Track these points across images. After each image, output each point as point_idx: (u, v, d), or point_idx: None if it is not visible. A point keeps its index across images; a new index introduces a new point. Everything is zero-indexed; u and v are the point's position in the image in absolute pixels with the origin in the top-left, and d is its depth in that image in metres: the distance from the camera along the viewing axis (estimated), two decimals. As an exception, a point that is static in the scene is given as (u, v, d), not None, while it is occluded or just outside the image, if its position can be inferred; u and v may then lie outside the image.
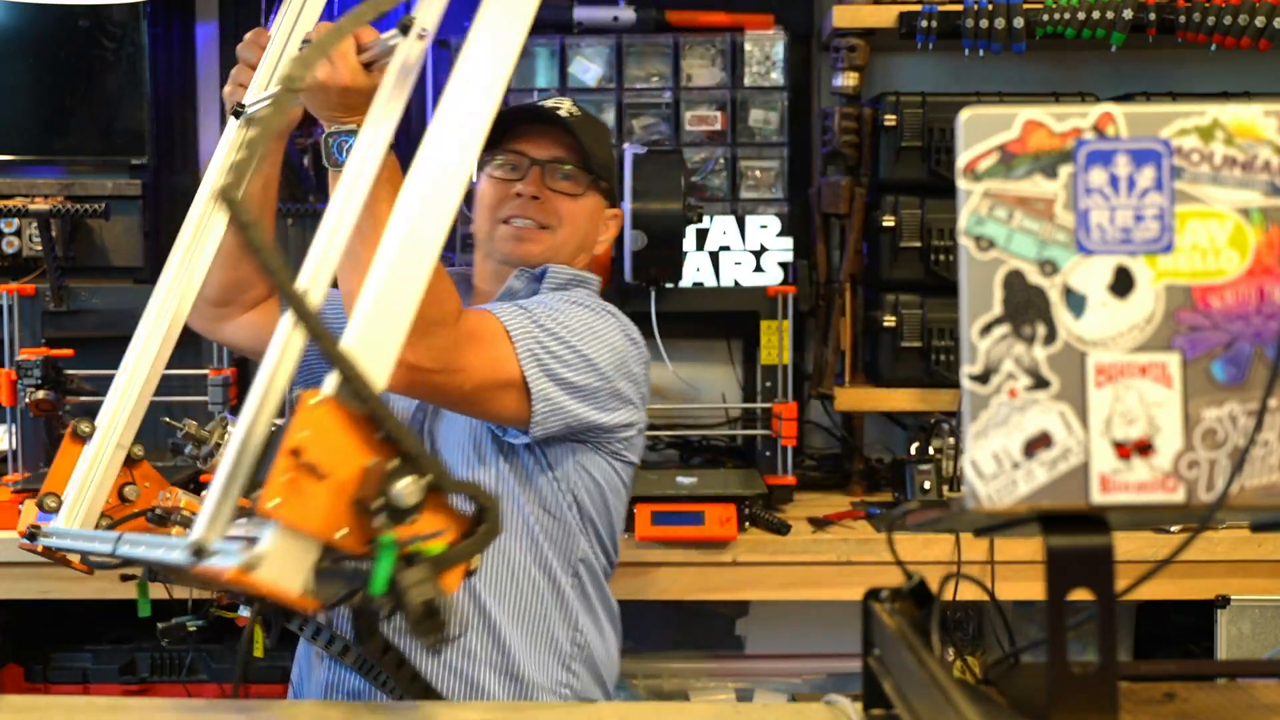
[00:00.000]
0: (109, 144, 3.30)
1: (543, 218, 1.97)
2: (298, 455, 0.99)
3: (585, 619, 1.95)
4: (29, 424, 2.65)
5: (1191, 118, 0.99)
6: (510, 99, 3.14)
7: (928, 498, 2.76)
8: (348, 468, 1.01)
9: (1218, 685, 1.19)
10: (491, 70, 1.23)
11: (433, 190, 1.16)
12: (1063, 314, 0.98)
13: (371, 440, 1.03)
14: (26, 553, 1.61)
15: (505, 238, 1.98)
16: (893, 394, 2.96)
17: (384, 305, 1.11)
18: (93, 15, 3.21)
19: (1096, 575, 0.97)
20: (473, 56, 1.23)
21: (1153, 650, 3.04)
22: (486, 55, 1.23)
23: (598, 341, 1.85)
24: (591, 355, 1.83)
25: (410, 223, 1.14)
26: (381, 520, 1.00)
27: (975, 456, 0.97)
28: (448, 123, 1.19)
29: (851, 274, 3.02)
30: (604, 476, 1.95)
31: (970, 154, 0.99)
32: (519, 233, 1.97)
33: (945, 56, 3.09)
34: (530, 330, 1.78)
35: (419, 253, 1.14)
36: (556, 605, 1.92)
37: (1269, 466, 0.98)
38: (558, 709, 1.54)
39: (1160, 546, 2.40)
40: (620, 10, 3.17)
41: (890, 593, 1.19)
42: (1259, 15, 2.84)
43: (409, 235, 1.14)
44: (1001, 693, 1.10)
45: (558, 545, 1.92)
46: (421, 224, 1.15)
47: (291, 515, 0.99)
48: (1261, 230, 0.99)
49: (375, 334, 1.10)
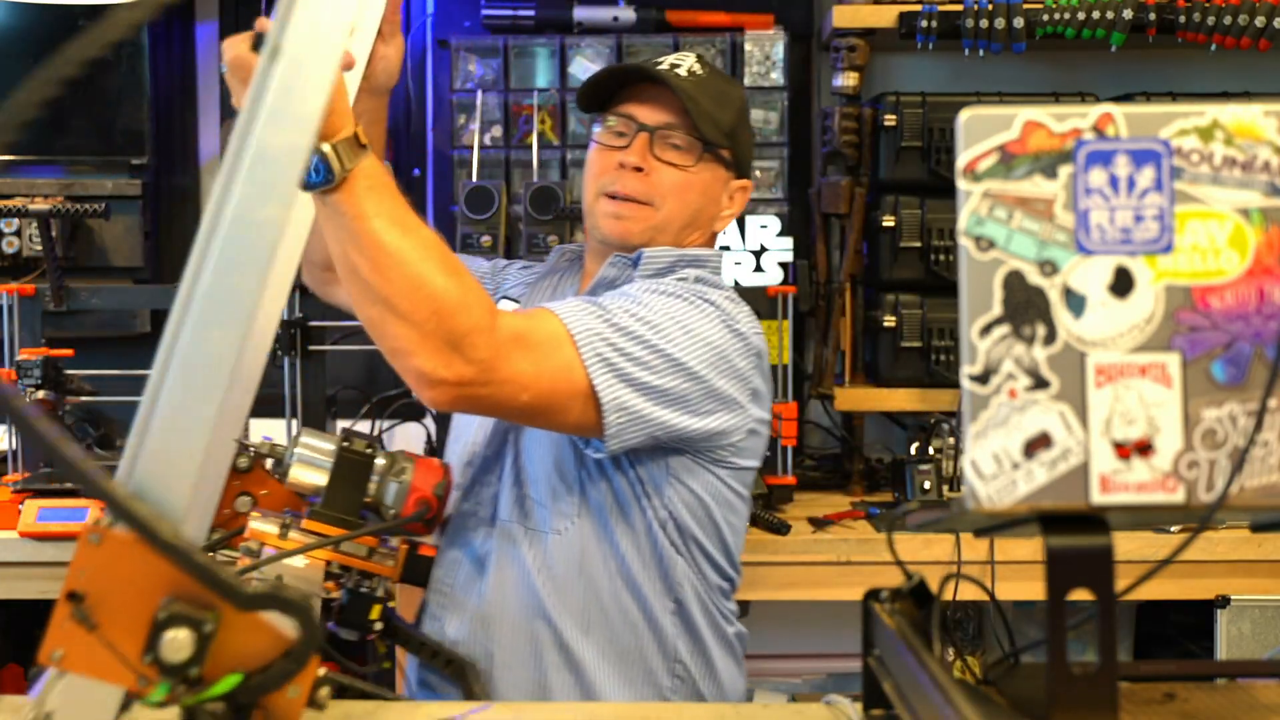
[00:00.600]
0: (109, 144, 3.30)
1: (645, 193, 1.78)
2: (75, 600, 0.94)
3: (688, 648, 1.78)
4: (29, 424, 2.65)
5: (1191, 118, 0.99)
6: (511, 99, 3.14)
7: (928, 498, 2.76)
8: (124, 617, 0.95)
9: (1218, 685, 1.19)
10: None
11: (239, 258, 1.01)
12: (1062, 314, 0.98)
13: (164, 575, 0.95)
14: (27, 553, 1.61)
15: (604, 214, 1.80)
16: (893, 394, 2.96)
17: (175, 421, 1.00)
18: (93, 15, 3.21)
19: (1096, 575, 0.97)
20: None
21: (1153, 650, 3.04)
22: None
23: (688, 336, 1.65)
24: (678, 353, 1.64)
25: (206, 317, 1.00)
26: (156, 673, 0.95)
27: (975, 457, 0.97)
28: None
29: (851, 274, 3.02)
30: (708, 489, 1.76)
31: (970, 154, 0.99)
32: (618, 209, 1.78)
33: (945, 56, 3.09)
34: (598, 330, 1.60)
35: (222, 335, 1.00)
36: (652, 637, 1.75)
37: (1269, 466, 0.98)
38: (557, 709, 1.54)
39: (1160, 546, 2.40)
40: (620, 10, 3.17)
41: (890, 593, 1.19)
42: (1259, 15, 2.84)
43: (202, 335, 1.00)
44: (1001, 693, 1.10)
45: (651, 573, 1.75)
46: (221, 314, 1.00)
47: (80, 665, 0.94)
48: (1261, 230, 0.99)
49: (168, 455, 0.99)
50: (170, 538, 0.94)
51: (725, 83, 1.86)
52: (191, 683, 0.96)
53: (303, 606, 0.97)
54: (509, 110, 3.15)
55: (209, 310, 1.00)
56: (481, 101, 3.09)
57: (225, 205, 1.01)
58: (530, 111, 3.11)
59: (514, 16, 3.18)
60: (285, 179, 1.02)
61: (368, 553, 1.59)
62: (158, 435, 0.99)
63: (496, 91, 3.14)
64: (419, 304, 1.46)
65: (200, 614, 0.96)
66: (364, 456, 1.59)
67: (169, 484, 0.99)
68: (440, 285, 1.46)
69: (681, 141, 1.79)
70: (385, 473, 1.61)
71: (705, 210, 1.84)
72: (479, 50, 3.16)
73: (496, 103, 3.14)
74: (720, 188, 1.85)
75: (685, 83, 1.79)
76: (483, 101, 3.09)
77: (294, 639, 0.98)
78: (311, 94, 1.03)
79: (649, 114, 1.80)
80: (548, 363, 1.56)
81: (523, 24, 3.18)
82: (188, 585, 0.95)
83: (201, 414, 1.00)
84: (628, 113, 1.81)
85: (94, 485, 0.93)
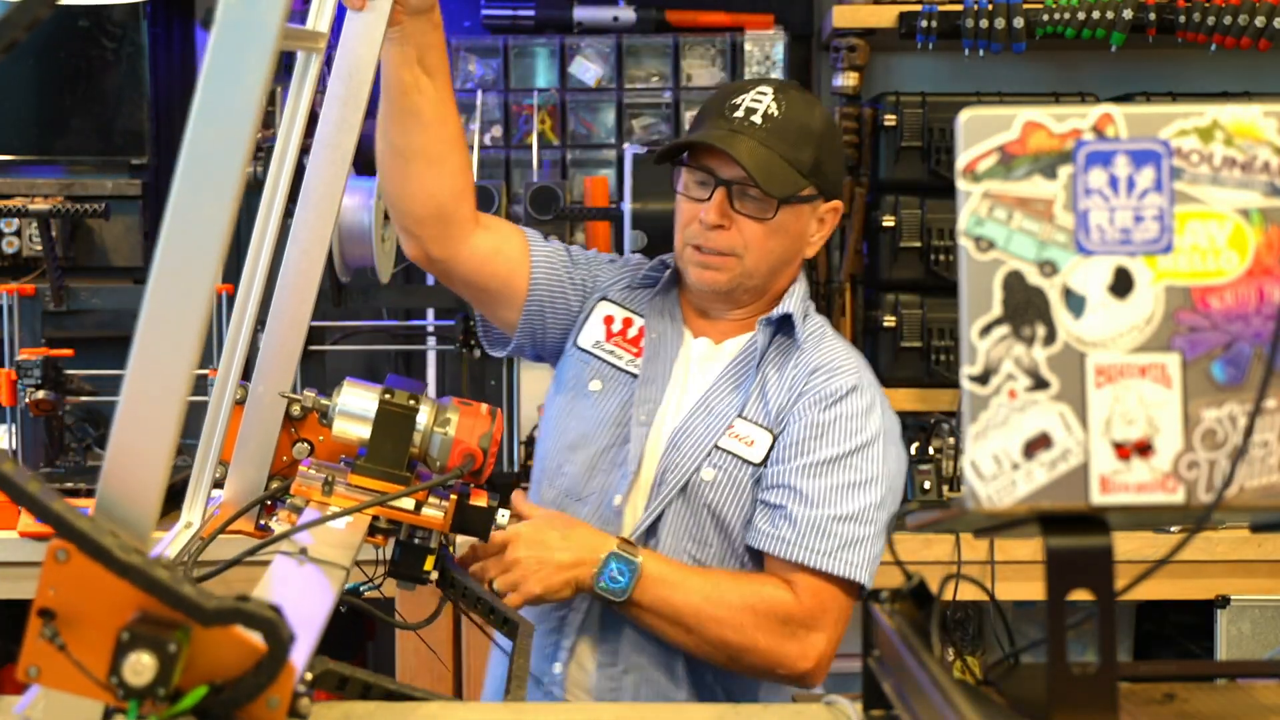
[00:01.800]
0: (109, 144, 3.31)
1: (728, 245, 1.82)
2: (45, 618, 0.94)
3: None
4: (29, 424, 2.65)
5: (1191, 118, 0.99)
6: (511, 99, 3.14)
7: (928, 498, 2.76)
8: (91, 635, 0.95)
9: (1218, 686, 1.19)
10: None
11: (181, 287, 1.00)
12: (1062, 315, 0.98)
13: (129, 592, 0.94)
14: (26, 553, 1.61)
15: (691, 264, 1.85)
16: (893, 394, 2.92)
17: (135, 431, 0.99)
18: (93, 15, 3.21)
19: (1096, 575, 0.97)
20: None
21: (1153, 650, 3.03)
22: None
23: (873, 481, 1.79)
24: (877, 497, 1.79)
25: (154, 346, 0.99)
26: (121, 695, 0.94)
27: (975, 457, 0.97)
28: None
29: (851, 274, 3.02)
30: None
31: (970, 154, 0.99)
32: (705, 260, 1.83)
33: (945, 56, 3.08)
34: (848, 554, 1.75)
35: (171, 365, 0.99)
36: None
37: (1269, 467, 0.98)
38: (557, 709, 1.54)
39: (1160, 547, 2.40)
40: (620, 10, 3.17)
41: (890, 593, 1.19)
42: (1259, 15, 2.84)
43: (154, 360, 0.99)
44: (1001, 693, 1.10)
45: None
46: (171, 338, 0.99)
47: (55, 682, 0.94)
48: (1261, 231, 0.99)
49: (131, 466, 0.98)
50: (125, 558, 0.93)
51: (805, 111, 1.85)
52: (162, 700, 0.95)
53: (267, 620, 0.96)
54: (509, 110, 3.15)
55: (159, 314, 1.00)
56: (481, 101, 3.09)
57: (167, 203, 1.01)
58: (530, 111, 3.12)
59: (514, 16, 3.18)
60: (222, 170, 1.00)
61: (416, 506, 1.55)
62: (120, 446, 0.99)
63: (496, 91, 3.15)
64: (748, 630, 1.74)
65: (163, 634, 0.95)
66: (406, 409, 1.54)
67: (133, 495, 0.98)
68: (736, 601, 1.74)
69: (759, 195, 1.80)
70: (430, 424, 1.55)
71: (791, 248, 1.87)
72: (479, 50, 3.17)
73: (496, 103, 3.14)
74: (805, 223, 1.87)
75: (760, 133, 1.80)
76: (483, 101, 3.09)
77: (264, 651, 0.97)
78: (248, 81, 1.00)
79: (726, 166, 1.80)
80: (840, 621, 1.80)
81: (523, 24, 3.19)
82: (155, 601, 0.95)
83: (160, 424, 0.99)
84: (707, 165, 1.82)
85: (40, 507, 0.93)
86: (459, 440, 1.55)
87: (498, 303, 1.92)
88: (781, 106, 1.82)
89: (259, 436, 1.55)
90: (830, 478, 1.77)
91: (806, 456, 1.78)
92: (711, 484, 1.79)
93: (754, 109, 1.81)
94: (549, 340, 1.95)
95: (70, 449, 2.74)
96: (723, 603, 1.73)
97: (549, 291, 1.91)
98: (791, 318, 1.86)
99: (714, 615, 1.73)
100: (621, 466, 1.83)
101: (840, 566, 1.75)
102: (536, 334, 1.93)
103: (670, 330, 1.90)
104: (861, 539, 1.76)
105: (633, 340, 1.90)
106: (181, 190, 1.00)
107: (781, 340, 1.88)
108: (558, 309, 1.92)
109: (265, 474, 1.56)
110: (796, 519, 1.75)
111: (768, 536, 1.77)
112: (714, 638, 1.73)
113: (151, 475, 0.99)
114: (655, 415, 1.84)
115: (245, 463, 1.55)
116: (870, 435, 1.81)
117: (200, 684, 0.96)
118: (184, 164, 1.00)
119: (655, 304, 1.92)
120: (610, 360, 1.89)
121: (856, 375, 1.84)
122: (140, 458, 0.99)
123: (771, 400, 1.82)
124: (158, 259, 1.00)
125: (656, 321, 1.90)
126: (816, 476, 1.77)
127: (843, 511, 1.76)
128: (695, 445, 1.80)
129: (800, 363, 1.84)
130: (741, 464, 1.80)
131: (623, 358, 1.89)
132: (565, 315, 1.93)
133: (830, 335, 1.90)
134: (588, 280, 1.95)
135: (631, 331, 1.91)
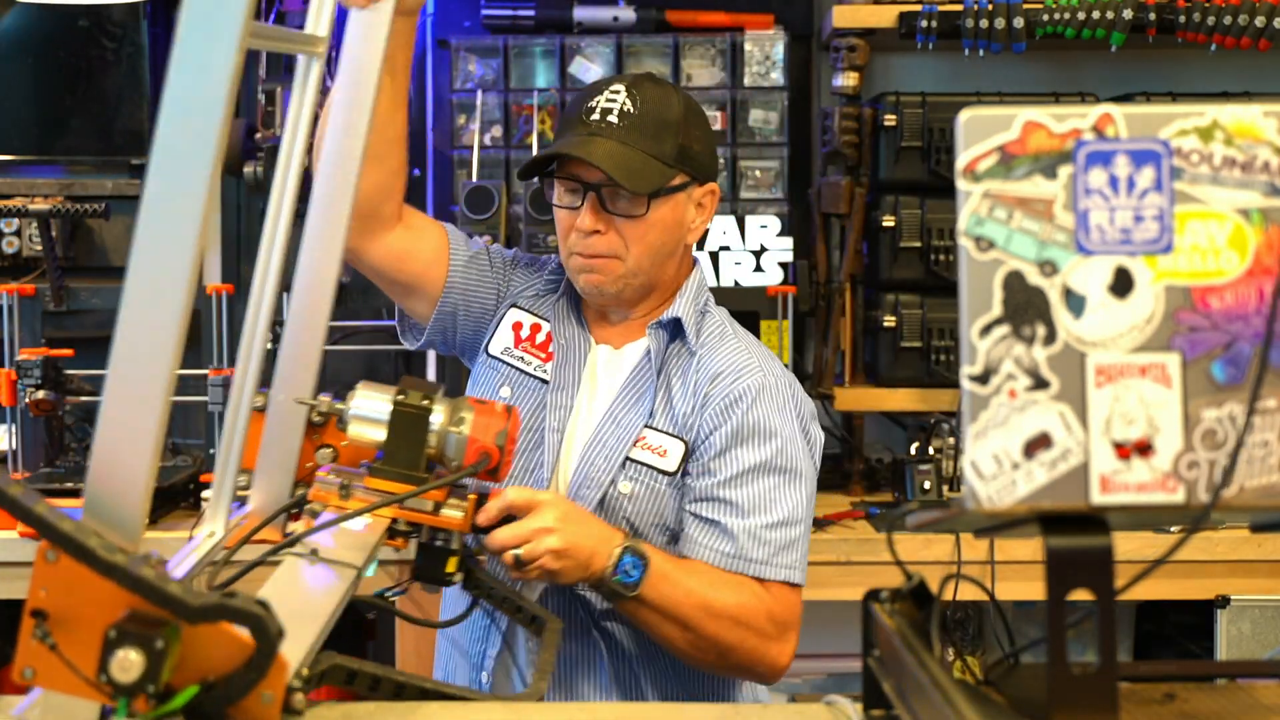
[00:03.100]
0: (109, 144, 3.31)
1: (608, 248, 1.83)
2: (37, 618, 0.94)
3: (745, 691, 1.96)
4: (29, 424, 2.65)
5: (1191, 118, 0.99)
6: (511, 99, 3.14)
7: (928, 498, 2.76)
8: (82, 635, 0.95)
9: (1218, 686, 1.19)
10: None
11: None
12: (1062, 314, 0.98)
13: (118, 591, 0.94)
14: (27, 552, 1.60)
15: (577, 271, 1.87)
16: (893, 394, 2.96)
17: (118, 429, 1.00)
18: (93, 15, 3.21)
19: (1096, 576, 0.97)
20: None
21: (1153, 650, 3.03)
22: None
23: (798, 476, 1.83)
24: (804, 494, 1.83)
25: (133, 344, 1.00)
26: (111, 693, 0.94)
27: (975, 457, 0.97)
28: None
29: (851, 274, 3.02)
30: None
31: (970, 154, 0.99)
32: (588, 264, 1.85)
33: (945, 56, 3.08)
34: (783, 557, 1.79)
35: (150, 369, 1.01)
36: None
37: (1269, 467, 0.98)
38: (556, 709, 1.54)
39: (1161, 547, 2.38)
40: (620, 10, 3.17)
41: (890, 593, 1.19)
42: (1259, 15, 2.84)
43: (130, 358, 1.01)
44: (1001, 693, 1.10)
45: None
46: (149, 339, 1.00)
47: (50, 683, 0.94)
48: (1261, 231, 0.99)
49: (116, 465, 0.99)
50: (108, 558, 0.93)
51: (660, 102, 1.85)
52: (154, 697, 0.95)
53: (253, 615, 0.95)
54: (509, 110, 3.15)
55: (136, 313, 1.00)
56: (481, 101, 3.09)
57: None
58: (530, 111, 3.11)
59: (514, 16, 3.18)
60: (192, 166, 0.99)
61: (434, 507, 1.53)
62: (105, 445, 0.99)
63: (496, 91, 3.14)
64: (738, 629, 1.76)
65: (150, 631, 0.95)
66: (420, 410, 1.52)
67: (120, 496, 0.98)
68: (731, 600, 1.76)
69: (627, 193, 1.81)
70: (445, 424, 1.54)
71: (671, 239, 1.87)
72: (479, 50, 3.16)
73: (496, 103, 3.14)
74: (682, 212, 1.87)
75: (618, 132, 1.81)
76: (483, 101, 3.09)
77: (253, 646, 0.96)
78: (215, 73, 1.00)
79: (591, 171, 1.81)
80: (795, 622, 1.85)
81: (523, 24, 3.18)
82: (142, 600, 0.95)
83: (142, 424, 0.99)
84: (573, 172, 1.83)
85: (23, 510, 0.93)
86: (473, 439, 1.53)
87: (410, 296, 1.94)
88: (636, 102, 1.83)
89: (281, 444, 1.54)
90: (757, 484, 1.80)
91: (731, 468, 1.80)
92: (630, 497, 1.81)
93: (609, 109, 1.83)
94: (460, 338, 1.97)
95: (70, 449, 2.74)
96: (718, 602, 1.74)
97: (463, 293, 1.93)
98: (681, 321, 1.87)
99: (712, 614, 1.73)
100: (536, 471, 1.85)
101: (779, 572, 1.78)
102: (448, 332, 1.96)
103: (578, 336, 1.91)
104: (794, 540, 1.80)
105: (541, 346, 1.92)
106: (153, 189, 1.00)
107: (678, 345, 1.88)
108: (471, 309, 1.94)
109: (290, 481, 1.55)
110: (732, 531, 1.78)
111: (708, 549, 1.78)
112: (710, 635, 1.74)
113: (136, 475, 0.99)
114: (567, 423, 1.85)
115: (269, 470, 1.54)
116: (787, 432, 1.82)
117: (193, 682, 0.96)
118: (155, 161, 1.00)
119: (560, 309, 1.93)
120: (519, 366, 1.91)
121: (760, 374, 1.84)
122: (124, 458, 0.99)
123: (678, 407, 1.83)
124: (132, 260, 1.00)
125: (563, 327, 1.92)
126: (743, 485, 1.79)
127: (775, 518, 1.79)
128: (607, 458, 1.81)
129: (701, 368, 1.85)
130: (656, 474, 1.81)
131: (531, 363, 1.91)
132: (479, 315, 1.94)
133: (730, 334, 1.90)
134: (502, 284, 1.97)
135: (540, 337, 1.93)
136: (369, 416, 1.53)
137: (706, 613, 1.73)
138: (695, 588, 1.74)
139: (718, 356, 1.86)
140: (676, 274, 1.91)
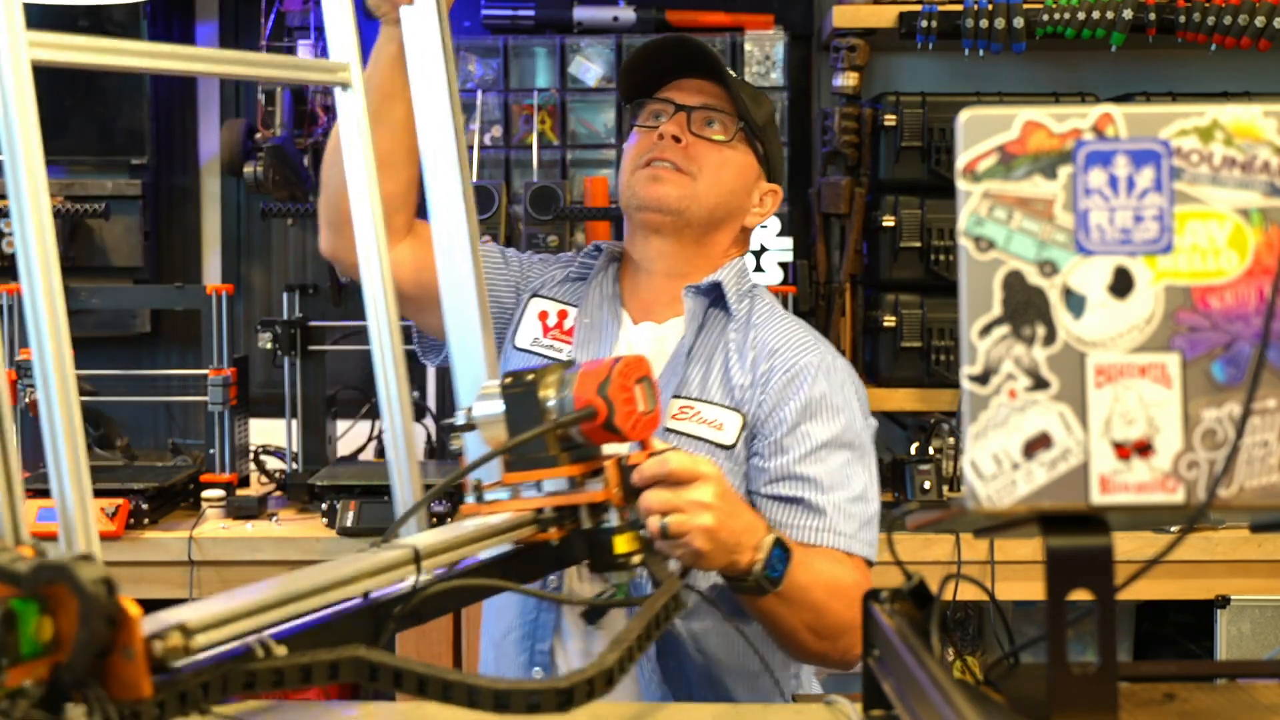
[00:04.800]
0: (109, 144, 3.31)
1: (683, 161, 1.80)
2: None
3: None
4: (29, 424, 2.65)
5: (1191, 118, 0.99)
6: (511, 99, 3.14)
7: (928, 498, 2.76)
8: None
9: (1218, 686, 1.19)
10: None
11: None
12: (1062, 314, 0.98)
13: None
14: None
15: (642, 180, 1.82)
16: (893, 394, 2.96)
17: None
18: (93, 15, 3.21)
19: (1096, 576, 0.97)
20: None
21: (1153, 650, 3.04)
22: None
23: (864, 453, 1.78)
24: (871, 472, 1.78)
25: None
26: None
27: (975, 457, 0.97)
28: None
29: (851, 274, 3.02)
30: None
31: (969, 154, 0.99)
32: (656, 173, 1.80)
33: (945, 56, 3.09)
34: (865, 533, 1.73)
35: None
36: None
37: (1269, 466, 0.98)
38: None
39: (1160, 547, 2.40)
40: (620, 10, 3.17)
41: (890, 593, 1.19)
42: (1259, 15, 2.84)
43: None
44: (1001, 693, 1.10)
45: None
46: None
47: None
48: (1261, 231, 0.99)
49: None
50: None
51: (758, 90, 1.92)
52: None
53: (61, 568, 0.92)
54: (509, 110, 3.15)
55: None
56: (481, 101, 3.09)
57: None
58: (530, 111, 3.12)
59: (514, 16, 3.18)
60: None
61: (570, 485, 1.43)
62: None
63: (496, 91, 3.15)
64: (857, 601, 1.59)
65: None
66: (525, 386, 1.45)
67: None
68: (847, 578, 1.68)
69: (719, 120, 1.83)
70: (555, 395, 1.45)
71: (737, 196, 1.86)
72: (479, 50, 3.17)
73: (496, 103, 3.14)
74: (753, 177, 1.87)
75: (725, 73, 1.84)
76: (483, 101, 3.09)
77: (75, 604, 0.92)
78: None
79: (687, 97, 1.84)
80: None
81: (523, 24, 3.19)
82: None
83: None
84: (665, 97, 1.85)
85: None
86: (577, 397, 1.44)
87: (424, 310, 1.87)
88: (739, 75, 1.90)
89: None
90: (831, 459, 1.75)
91: (805, 444, 1.75)
92: None
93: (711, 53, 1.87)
94: None
95: (70, 449, 2.73)
96: (840, 580, 1.66)
97: None
98: (722, 286, 1.83)
99: (836, 593, 1.64)
100: None
101: (865, 548, 1.73)
102: None
103: (607, 316, 1.87)
104: (871, 517, 1.76)
105: (568, 332, 1.88)
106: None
107: (718, 313, 1.84)
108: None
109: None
110: (820, 506, 1.72)
111: (797, 528, 1.71)
112: (833, 614, 1.64)
113: None
114: None
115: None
116: (851, 410, 1.79)
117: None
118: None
119: (591, 292, 1.89)
120: (549, 355, 1.86)
121: (818, 352, 1.81)
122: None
123: (735, 379, 1.78)
124: None
125: (591, 309, 1.88)
126: (819, 461, 1.74)
127: (853, 492, 1.74)
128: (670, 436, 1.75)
129: (758, 343, 1.81)
130: (713, 449, 1.74)
131: (562, 351, 1.86)
132: (497, 316, 1.89)
133: (781, 313, 1.87)
134: (519, 280, 1.94)
135: (568, 323, 1.89)
136: (489, 414, 1.48)
137: (831, 593, 1.63)
138: (823, 570, 1.65)
139: (775, 332, 1.82)
140: (727, 248, 1.88)
